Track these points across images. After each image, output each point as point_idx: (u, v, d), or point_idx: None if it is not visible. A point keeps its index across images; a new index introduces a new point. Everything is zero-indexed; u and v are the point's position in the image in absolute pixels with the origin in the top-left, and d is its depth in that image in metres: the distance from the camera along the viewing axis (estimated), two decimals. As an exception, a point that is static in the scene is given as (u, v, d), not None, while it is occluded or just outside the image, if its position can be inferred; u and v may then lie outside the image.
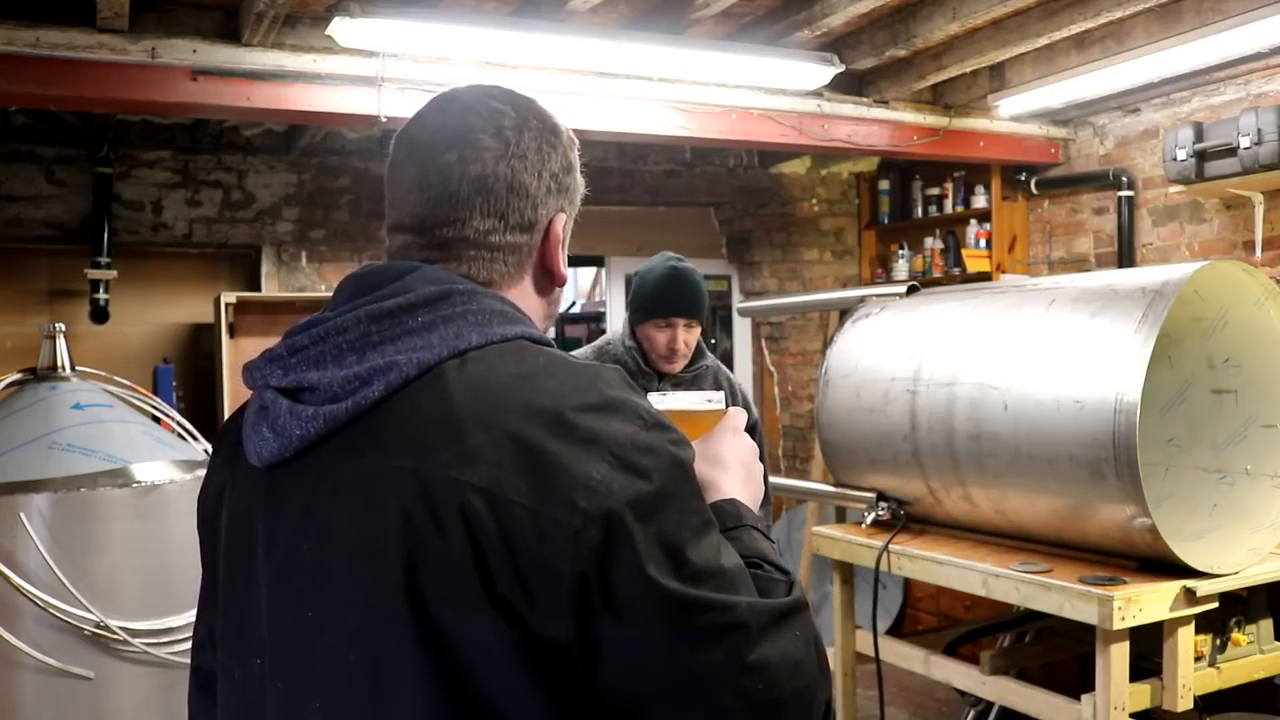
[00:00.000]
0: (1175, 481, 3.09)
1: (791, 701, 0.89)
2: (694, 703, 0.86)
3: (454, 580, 0.85)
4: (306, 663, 0.92)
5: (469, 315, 0.94)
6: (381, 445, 0.90)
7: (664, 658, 0.86)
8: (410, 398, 0.91)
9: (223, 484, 1.05)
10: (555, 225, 1.05)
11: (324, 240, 5.21)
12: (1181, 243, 4.55)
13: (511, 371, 0.91)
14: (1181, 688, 2.74)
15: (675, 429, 0.93)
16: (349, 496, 0.91)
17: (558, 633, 0.85)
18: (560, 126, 1.08)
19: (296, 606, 0.93)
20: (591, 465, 0.85)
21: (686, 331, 2.78)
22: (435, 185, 1.01)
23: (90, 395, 2.88)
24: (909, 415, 3.30)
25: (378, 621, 0.88)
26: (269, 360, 0.97)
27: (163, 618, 2.65)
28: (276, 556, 0.95)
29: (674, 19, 3.80)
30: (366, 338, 0.93)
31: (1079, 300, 2.95)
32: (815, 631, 0.94)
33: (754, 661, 0.87)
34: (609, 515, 0.84)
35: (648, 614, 0.85)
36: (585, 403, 0.89)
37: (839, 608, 3.67)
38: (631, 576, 0.84)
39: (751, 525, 1.03)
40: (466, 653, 0.86)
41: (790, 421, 6.19)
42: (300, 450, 0.93)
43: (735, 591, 0.88)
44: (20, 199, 4.72)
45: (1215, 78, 4.30)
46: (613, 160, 5.67)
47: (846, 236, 6.31)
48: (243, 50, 3.50)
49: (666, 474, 0.88)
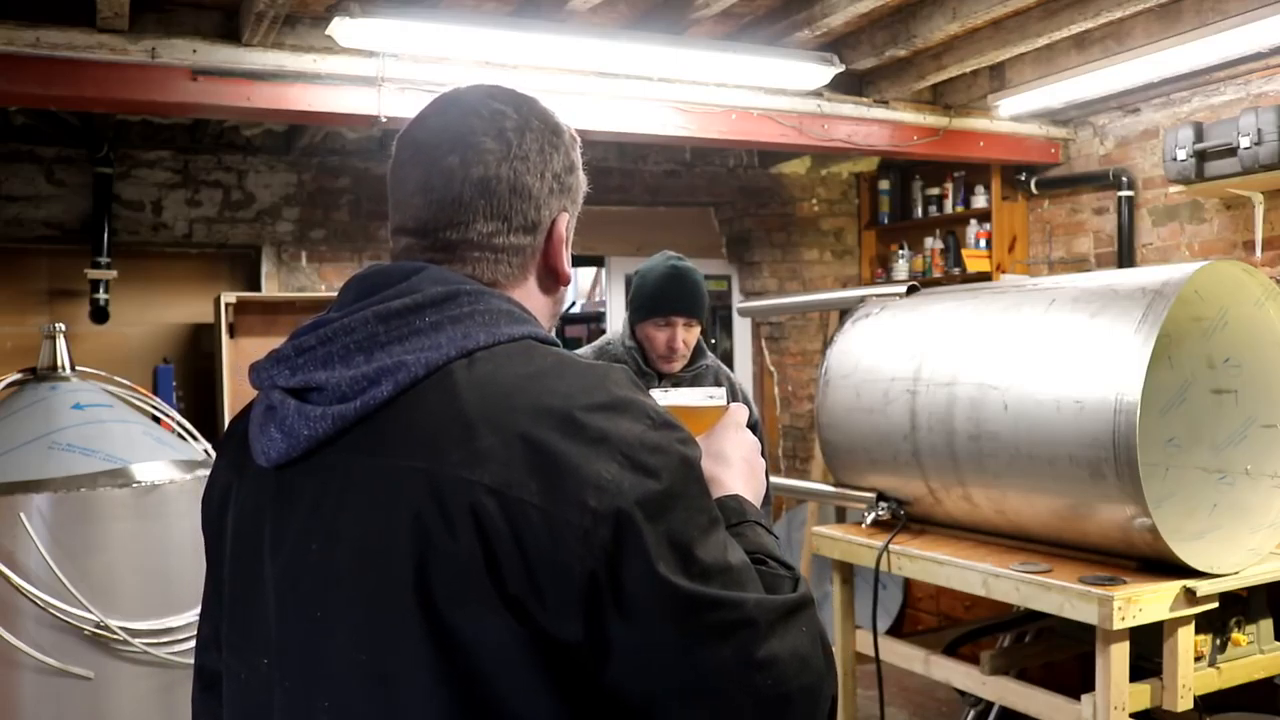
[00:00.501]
0: (1175, 481, 3.09)
1: (799, 697, 0.89)
2: (703, 700, 0.87)
3: (465, 580, 0.85)
4: (315, 663, 0.92)
5: (476, 315, 0.94)
6: (390, 445, 0.90)
7: (674, 655, 0.86)
8: (419, 398, 0.91)
9: (229, 484, 1.05)
10: (558, 225, 1.05)
11: (324, 240, 5.21)
12: (1181, 243, 4.55)
13: (520, 372, 0.92)
14: (1181, 688, 2.75)
15: (683, 428, 0.94)
16: (357, 497, 0.91)
17: (569, 632, 0.85)
18: (562, 126, 1.08)
19: (304, 607, 0.93)
20: (601, 464, 0.86)
21: (686, 331, 2.78)
22: (438, 188, 1.01)
23: (90, 395, 2.88)
24: (909, 415, 3.31)
25: (387, 622, 0.88)
26: (275, 361, 0.97)
27: (163, 618, 2.65)
28: (284, 557, 0.95)
29: (674, 19, 3.80)
30: (374, 338, 0.93)
31: (1079, 300, 2.95)
32: (820, 627, 0.94)
33: (763, 658, 0.87)
34: (619, 514, 0.85)
35: (658, 612, 0.85)
36: (594, 402, 0.89)
37: (839, 608, 3.67)
38: (642, 575, 0.85)
39: (755, 521, 1.03)
40: (477, 653, 0.86)
41: (790, 421, 6.19)
42: (308, 450, 0.93)
43: (743, 588, 0.89)
44: (20, 199, 4.72)
45: (1215, 78, 4.30)
46: (613, 160, 5.67)
47: (846, 236, 6.31)
48: (243, 50, 3.50)
49: (675, 473, 0.89)
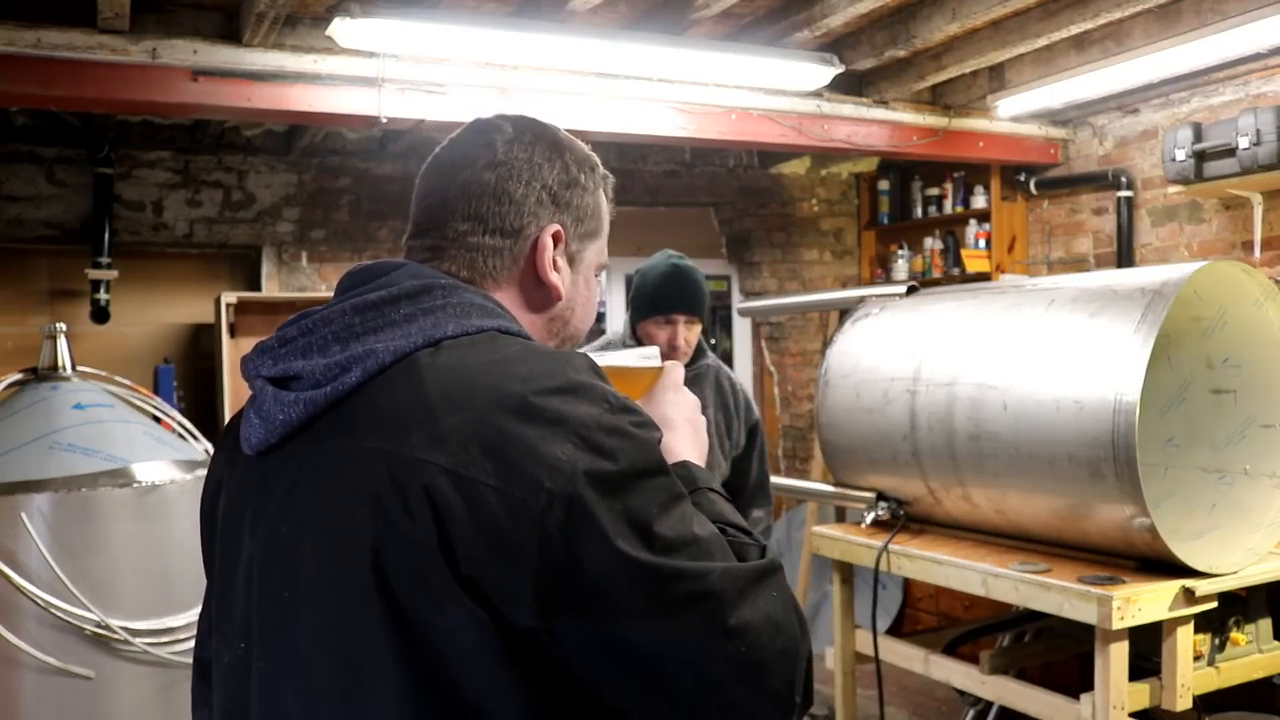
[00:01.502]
0: (1174, 481, 3.09)
1: (774, 662, 0.89)
2: (678, 671, 0.87)
3: (420, 562, 0.87)
4: (284, 644, 0.94)
5: (449, 308, 0.98)
6: (357, 429, 0.93)
7: (644, 631, 0.86)
8: (386, 384, 0.93)
9: (221, 478, 1.08)
10: (545, 235, 1.07)
11: (324, 240, 5.22)
12: (1180, 243, 4.55)
13: (484, 359, 0.94)
14: (1181, 687, 2.75)
15: (640, 411, 0.95)
16: (326, 480, 0.93)
17: (526, 616, 0.86)
18: (566, 144, 1.11)
19: (276, 588, 0.95)
20: (557, 446, 0.87)
21: (687, 329, 2.78)
22: (432, 194, 1.08)
23: (91, 395, 2.88)
24: (909, 415, 3.31)
25: (349, 603, 0.89)
26: (261, 352, 1.01)
27: (163, 617, 2.66)
28: (260, 540, 0.98)
29: (674, 19, 3.81)
30: (351, 329, 0.96)
31: (1078, 300, 2.95)
32: (790, 591, 0.95)
33: (734, 625, 0.88)
34: (574, 494, 0.86)
35: (621, 588, 0.86)
36: (552, 385, 0.90)
37: (839, 607, 3.67)
38: (600, 553, 0.85)
39: (707, 487, 1.04)
40: (436, 635, 0.87)
41: (790, 421, 6.19)
42: (286, 436, 0.97)
43: (711, 558, 0.89)
44: (21, 199, 4.72)
45: (1214, 78, 4.30)
46: (613, 160, 5.67)
47: (846, 236, 6.31)
48: (243, 51, 3.50)
49: (633, 455, 0.89)
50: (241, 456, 1.02)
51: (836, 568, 3.69)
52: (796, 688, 0.91)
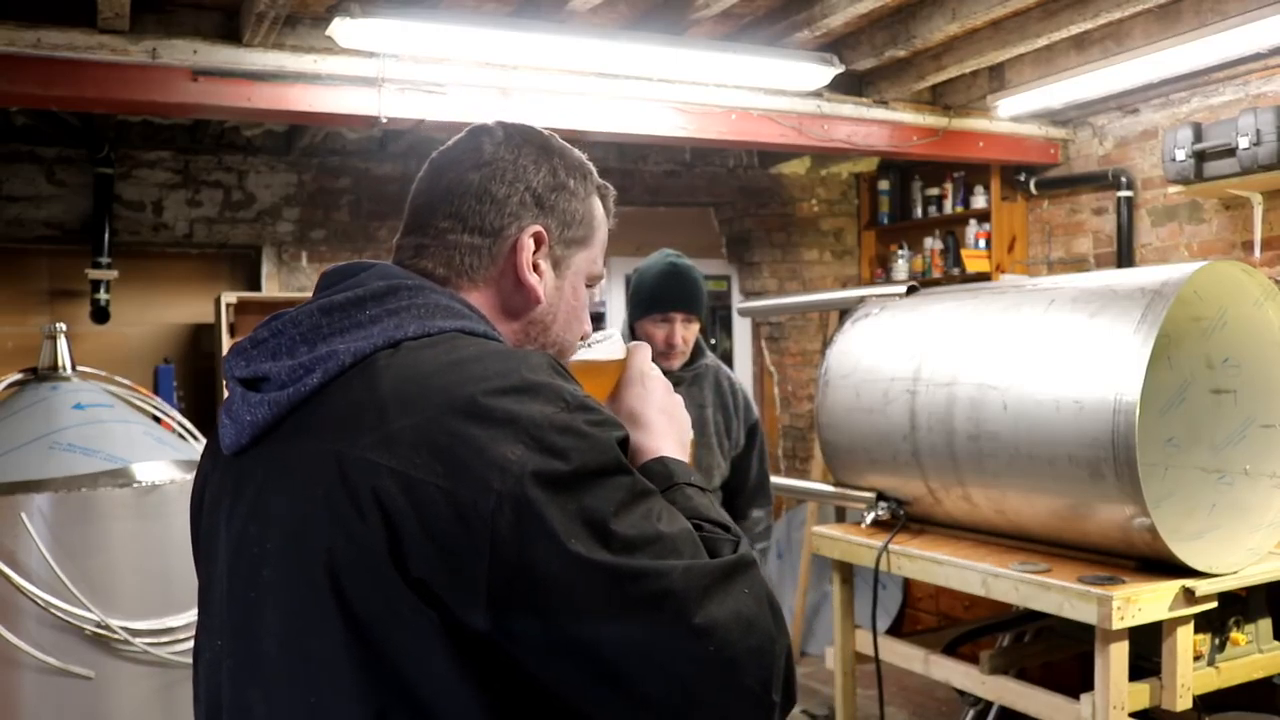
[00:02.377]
0: (1174, 481, 3.09)
1: (746, 659, 0.87)
2: (645, 672, 0.85)
3: (372, 563, 0.86)
4: (249, 644, 0.95)
5: (413, 309, 0.98)
6: (315, 430, 0.93)
7: (603, 631, 0.85)
8: (345, 385, 0.94)
9: (206, 476, 1.09)
10: (524, 236, 1.06)
11: (324, 240, 5.22)
12: (1180, 243, 4.55)
13: (441, 360, 0.93)
14: (1181, 687, 2.75)
15: (599, 409, 0.93)
16: (287, 480, 0.94)
17: (480, 616, 0.85)
18: (557, 149, 1.11)
19: (243, 589, 0.96)
20: (507, 446, 0.86)
21: (685, 327, 2.79)
22: (421, 195, 1.10)
23: (91, 395, 2.88)
24: (909, 415, 3.31)
25: (306, 604, 0.90)
26: (235, 353, 1.01)
27: (163, 617, 2.65)
28: (232, 539, 0.98)
29: (674, 19, 3.81)
30: (318, 330, 0.97)
31: (1078, 300, 2.95)
32: (767, 587, 0.92)
33: (700, 624, 0.85)
34: (523, 495, 0.84)
35: (577, 589, 0.84)
36: (505, 385, 0.90)
37: (839, 607, 3.67)
38: (551, 554, 0.84)
39: (685, 483, 1.02)
40: (389, 637, 0.87)
41: (790, 421, 6.19)
42: (256, 437, 0.97)
43: (679, 556, 0.87)
44: (21, 199, 4.72)
45: (1214, 78, 4.30)
46: (613, 160, 5.67)
47: (846, 237, 6.31)
48: (243, 51, 3.50)
49: (585, 454, 0.88)
50: (222, 455, 1.03)
51: (836, 568, 3.69)
52: (773, 686, 0.88)
